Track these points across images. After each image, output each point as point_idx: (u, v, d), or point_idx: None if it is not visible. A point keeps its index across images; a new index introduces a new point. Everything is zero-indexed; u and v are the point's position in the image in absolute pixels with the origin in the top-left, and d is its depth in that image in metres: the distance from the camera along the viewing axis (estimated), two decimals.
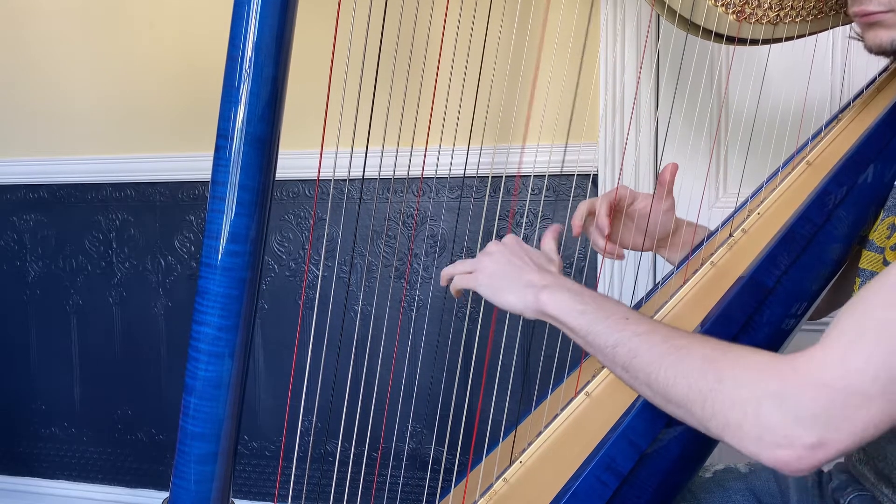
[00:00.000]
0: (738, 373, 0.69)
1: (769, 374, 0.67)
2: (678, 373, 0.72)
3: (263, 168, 0.79)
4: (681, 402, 0.72)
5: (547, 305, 0.83)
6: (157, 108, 2.03)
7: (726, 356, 0.71)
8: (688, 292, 1.00)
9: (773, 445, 0.65)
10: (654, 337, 0.76)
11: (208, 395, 0.80)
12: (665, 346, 0.75)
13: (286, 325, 2.00)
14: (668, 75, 1.67)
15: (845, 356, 0.65)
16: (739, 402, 0.67)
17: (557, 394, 1.01)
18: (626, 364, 0.77)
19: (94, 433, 2.20)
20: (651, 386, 0.75)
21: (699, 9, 1.03)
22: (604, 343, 0.79)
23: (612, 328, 0.79)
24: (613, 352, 0.78)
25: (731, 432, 0.68)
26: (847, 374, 0.64)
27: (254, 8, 0.76)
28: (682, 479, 0.90)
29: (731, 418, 0.68)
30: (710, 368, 0.71)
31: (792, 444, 0.65)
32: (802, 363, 0.67)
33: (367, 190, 1.89)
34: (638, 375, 0.77)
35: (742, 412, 0.67)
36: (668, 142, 1.69)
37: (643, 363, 0.76)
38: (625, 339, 0.77)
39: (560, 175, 1.76)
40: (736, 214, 1.08)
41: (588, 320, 0.81)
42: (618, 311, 0.81)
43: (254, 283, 0.81)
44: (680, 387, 0.72)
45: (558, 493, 0.86)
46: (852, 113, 1.06)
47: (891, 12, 0.89)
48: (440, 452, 1.89)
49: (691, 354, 0.73)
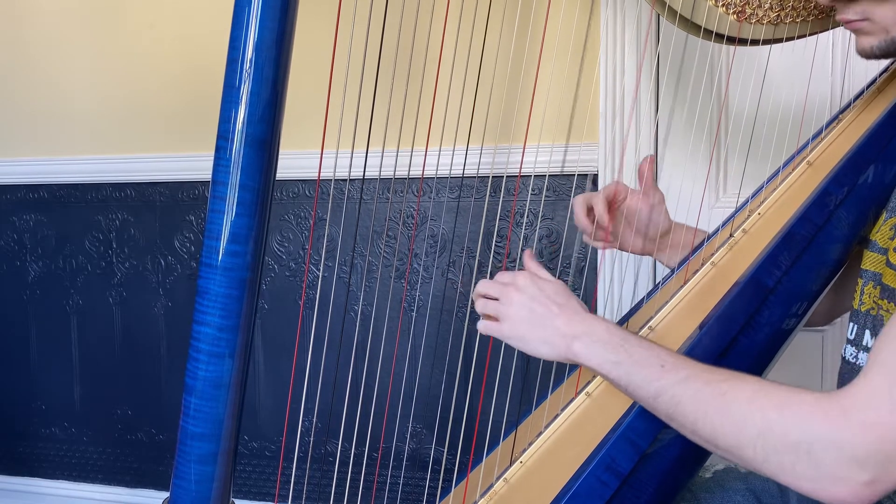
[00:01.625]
0: (785, 417, 0.69)
1: (818, 417, 0.67)
2: (725, 420, 0.72)
3: (264, 168, 0.79)
4: (730, 448, 0.73)
5: (580, 356, 0.83)
6: (157, 108, 2.03)
7: (771, 398, 0.71)
8: (688, 292, 1.00)
9: (830, 484, 0.66)
10: (696, 383, 0.76)
11: (209, 396, 0.80)
12: (707, 390, 0.75)
13: (286, 325, 2.00)
14: (668, 75, 1.67)
15: (891, 392, 0.65)
16: (792, 446, 0.68)
17: (558, 394, 1.02)
18: (669, 413, 0.77)
19: (94, 433, 2.20)
20: (697, 433, 0.75)
21: (700, 9, 1.02)
22: (645, 394, 0.79)
23: (650, 379, 0.78)
24: (655, 402, 0.78)
25: (785, 474, 0.69)
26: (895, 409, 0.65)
27: (254, 10, 0.76)
28: (683, 479, 0.90)
29: (785, 462, 0.68)
30: (757, 412, 0.71)
31: (848, 483, 0.66)
32: (850, 403, 0.67)
33: (368, 190, 1.89)
34: (684, 423, 0.76)
35: (795, 456, 0.68)
36: (668, 142, 1.69)
37: (687, 411, 0.75)
38: (665, 388, 0.77)
39: (560, 175, 1.76)
40: (736, 215, 1.08)
41: (624, 371, 0.80)
42: (652, 358, 0.80)
43: (254, 283, 0.81)
44: (728, 433, 0.72)
45: (559, 493, 0.86)
46: (853, 113, 1.06)
47: (866, 21, 0.89)
48: (440, 453, 1.89)
49: (736, 398, 0.73)
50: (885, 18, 0.88)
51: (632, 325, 1.03)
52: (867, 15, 0.89)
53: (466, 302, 1.84)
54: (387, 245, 1.92)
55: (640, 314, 1.05)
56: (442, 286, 1.86)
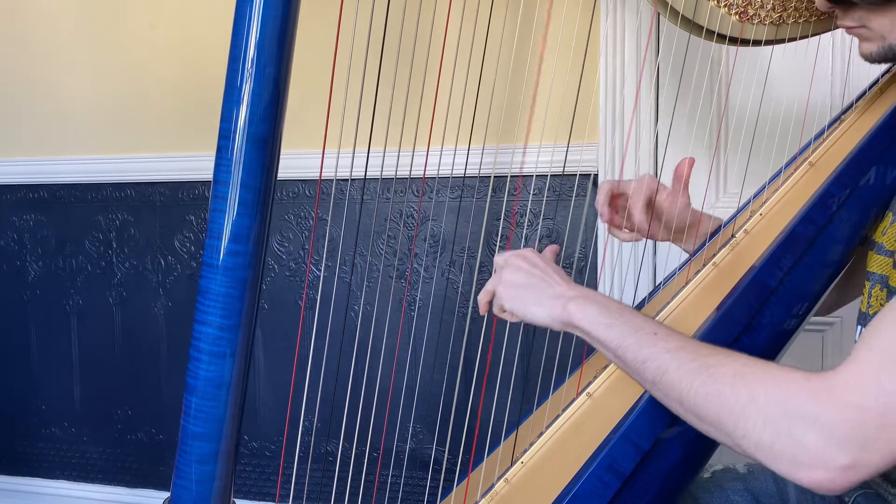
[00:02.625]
0: (771, 391, 0.68)
1: (804, 393, 0.67)
2: (710, 391, 0.72)
3: (265, 168, 0.79)
4: (712, 421, 0.72)
5: (574, 316, 0.83)
6: (157, 108, 2.03)
7: (758, 373, 0.71)
8: (690, 293, 1.00)
9: (808, 466, 0.66)
10: (685, 354, 0.76)
11: (209, 395, 0.80)
12: (696, 363, 0.74)
13: (287, 325, 2.00)
14: (669, 76, 1.67)
15: (878, 376, 0.65)
16: (773, 420, 0.67)
17: (559, 394, 1.01)
18: (655, 380, 0.77)
19: (94, 433, 2.20)
20: (682, 403, 0.75)
21: (701, 9, 1.02)
22: (633, 358, 0.79)
23: (641, 343, 0.78)
24: (643, 367, 0.78)
25: (763, 451, 0.68)
26: (881, 395, 0.64)
27: (256, 9, 0.75)
28: (684, 481, 0.90)
29: (764, 437, 0.68)
30: (742, 386, 0.70)
31: (826, 465, 0.65)
32: (837, 383, 0.66)
33: (368, 190, 1.89)
34: (669, 392, 0.76)
35: (775, 431, 0.67)
36: (669, 142, 1.68)
37: (674, 380, 0.75)
38: (654, 355, 0.77)
39: (561, 175, 1.76)
40: (738, 215, 1.08)
41: (617, 333, 0.80)
42: (647, 326, 0.80)
43: (255, 282, 0.81)
44: (712, 405, 0.72)
45: (560, 493, 0.86)
46: (855, 114, 1.06)
47: (863, 28, 0.90)
48: (441, 453, 1.89)
49: (723, 372, 0.72)
50: (882, 27, 0.89)
51: None
52: (864, 22, 0.90)
53: (467, 302, 1.84)
54: (387, 245, 1.92)
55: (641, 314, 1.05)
56: (442, 286, 1.86)
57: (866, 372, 0.66)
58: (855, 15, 0.90)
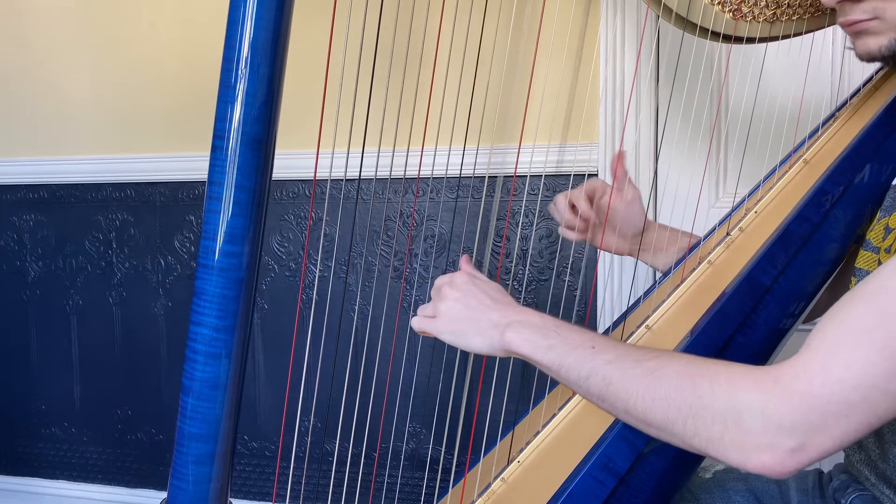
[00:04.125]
0: (716, 387, 0.69)
1: (748, 386, 0.67)
2: (656, 395, 0.72)
3: (260, 168, 0.79)
4: (661, 425, 0.72)
5: (512, 344, 0.82)
6: (157, 108, 2.03)
7: (701, 371, 0.71)
8: (685, 291, 1.00)
9: (755, 451, 0.66)
10: (626, 362, 0.75)
11: (205, 396, 0.80)
12: (638, 369, 0.74)
13: (286, 325, 2.00)
14: (665, 74, 1.67)
15: (826, 364, 0.65)
16: (720, 415, 0.67)
17: (555, 394, 1.01)
18: (601, 394, 0.76)
19: (94, 433, 2.20)
20: (630, 412, 0.74)
21: (696, 7, 1.02)
22: (576, 376, 0.78)
23: (581, 360, 0.77)
24: (587, 383, 0.77)
25: (713, 446, 0.68)
26: (828, 383, 0.64)
27: (249, 8, 0.75)
28: (680, 479, 0.90)
29: (714, 432, 0.68)
30: (687, 386, 0.70)
31: (773, 449, 0.65)
32: (782, 373, 0.67)
33: (367, 190, 1.89)
34: (616, 404, 0.75)
35: (723, 425, 0.67)
36: (666, 141, 1.68)
37: (618, 391, 0.74)
38: (596, 369, 0.76)
39: (558, 175, 1.76)
40: (733, 213, 1.08)
41: (556, 355, 0.79)
42: (585, 341, 0.79)
43: (251, 283, 0.81)
44: (658, 409, 0.71)
45: (556, 492, 0.86)
46: (849, 111, 1.06)
47: (875, 19, 0.88)
48: (439, 452, 1.90)
49: (666, 374, 0.72)
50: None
51: (629, 324, 1.03)
52: (877, 13, 0.88)
53: None
54: (386, 245, 1.92)
55: (637, 313, 1.06)
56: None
57: (813, 362, 0.66)
58: (867, 6, 0.88)
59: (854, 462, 0.97)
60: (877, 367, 0.64)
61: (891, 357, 0.64)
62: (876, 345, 0.64)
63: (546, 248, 1.81)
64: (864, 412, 0.64)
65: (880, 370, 0.64)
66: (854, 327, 0.66)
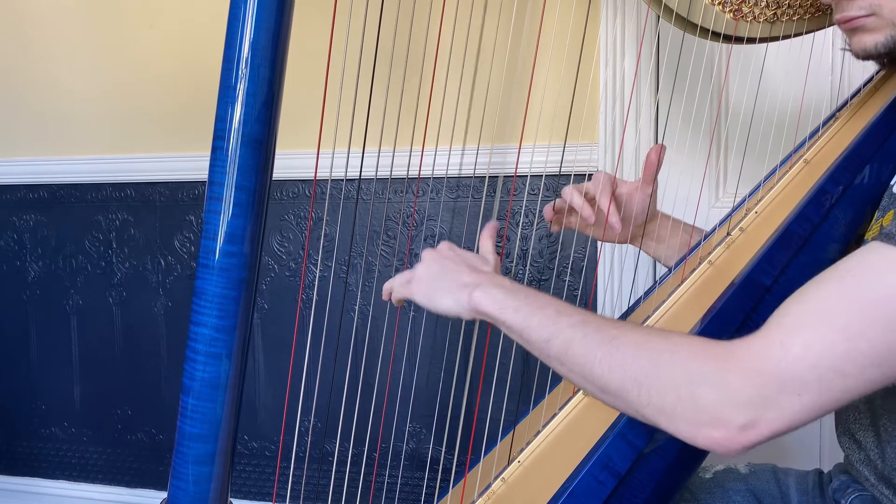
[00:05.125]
0: (674, 358, 0.69)
1: (705, 358, 0.67)
2: (613, 361, 0.72)
3: (260, 168, 0.79)
4: (616, 391, 0.72)
5: (480, 303, 0.82)
6: (157, 107, 2.03)
7: (661, 342, 0.71)
8: (686, 291, 1.00)
9: (705, 425, 0.66)
10: (587, 328, 0.76)
11: (206, 396, 0.80)
12: (598, 335, 0.74)
13: (286, 325, 2.00)
14: (666, 74, 1.67)
15: (784, 342, 0.65)
16: (673, 386, 0.68)
17: (555, 393, 1.01)
18: (560, 357, 0.76)
19: (94, 433, 2.20)
20: (587, 377, 0.75)
21: (696, 7, 1.02)
22: (538, 337, 0.78)
23: (545, 322, 0.78)
24: (548, 345, 0.77)
25: (665, 417, 0.69)
26: (784, 360, 0.65)
27: (250, 9, 0.76)
28: (680, 479, 0.90)
29: (666, 403, 0.68)
30: (645, 354, 0.71)
31: (724, 425, 0.65)
32: (740, 348, 0.67)
33: (367, 190, 1.89)
34: (573, 368, 0.76)
35: (676, 396, 0.67)
36: (666, 141, 1.68)
37: (577, 354, 0.75)
38: (558, 332, 0.77)
39: (559, 175, 1.76)
40: (734, 213, 1.08)
41: (522, 315, 0.80)
42: (551, 305, 0.80)
43: (251, 283, 0.81)
44: (615, 375, 0.72)
45: (556, 492, 0.86)
46: (850, 111, 1.06)
47: (872, 16, 0.88)
48: (439, 452, 1.90)
49: (625, 341, 0.72)
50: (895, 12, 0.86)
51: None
52: (874, 10, 0.87)
53: None
54: (386, 245, 1.92)
55: (637, 312, 1.06)
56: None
57: (772, 339, 0.66)
58: (865, 3, 0.87)
59: (853, 462, 0.97)
60: (834, 347, 0.64)
61: (850, 339, 0.64)
62: (837, 326, 0.64)
63: (546, 248, 1.81)
64: (818, 392, 0.64)
65: (838, 351, 0.64)
66: (817, 308, 0.66)
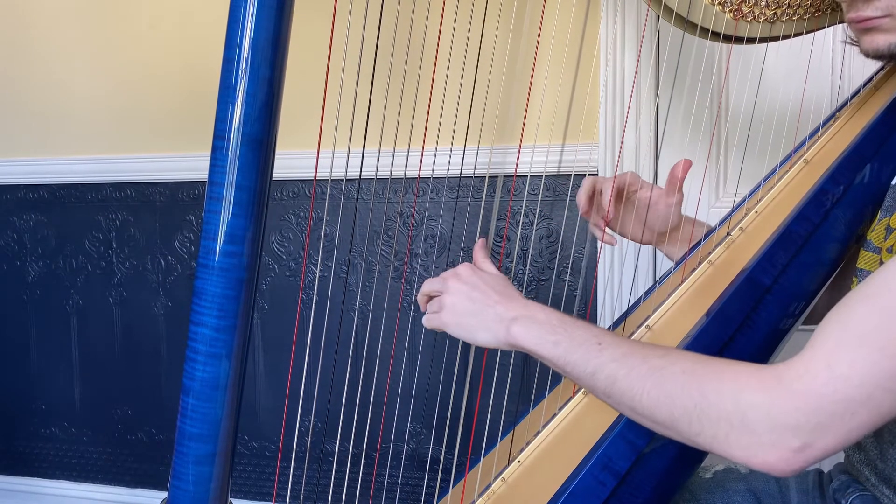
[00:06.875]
0: (722, 386, 0.69)
1: (753, 385, 0.68)
2: (661, 393, 0.72)
3: (260, 168, 0.79)
4: (667, 423, 0.73)
5: (518, 339, 0.83)
6: (157, 108, 2.03)
7: (707, 370, 0.72)
8: (686, 291, 1.00)
9: (760, 450, 0.67)
10: (632, 360, 0.76)
11: (206, 396, 0.80)
12: (644, 367, 0.75)
13: (286, 325, 2.00)
14: (666, 74, 1.67)
15: (830, 363, 0.66)
16: (725, 415, 0.68)
17: (555, 393, 1.01)
18: (607, 391, 0.77)
19: (94, 433, 2.20)
20: (635, 409, 0.75)
21: (696, 7, 1.02)
22: (582, 372, 0.79)
23: (587, 356, 0.78)
24: (593, 380, 0.78)
25: (719, 445, 0.69)
26: (832, 381, 0.65)
27: (250, 9, 0.75)
28: (680, 479, 0.90)
29: (719, 432, 0.69)
30: (693, 384, 0.71)
31: (778, 448, 0.66)
32: (786, 372, 0.67)
33: (367, 190, 1.89)
34: (621, 400, 0.76)
35: (728, 424, 0.68)
36: (667, 141, 1.68)
37: (624, 388, 0.75)
38: (602, 366, 0.77)
39: (559, 175, 1.76)
40: (734, 213, 1.08)
41: (562, 350, 0.80)
42: (590, 338, 0.80)
43: (251, 283, 0.81)
44: (664, 407, 0.72)
45: (556, 492, 0.86)
46: (850, 111, 1.06)
47: (888, 17, 0.88)
48: (439, 452, 1.89)
49: (672, 371, 0.73)
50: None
51: (629, 324, 1.03)
52: (891, 11, 0.88)
53: None
54: (386, 245, 1.92)
55: (637, 313, 1.06)
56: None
57: (816, 361, 0.67)
58: (882, 4, 0.87)
59: (854, 462, 0.97)
60: (879, 365, 0.64)
61: (893, 356, 0.64)
62: (878, 344, 0.65)
63: (546, 248, 1.81)
64: (868, 410, 0.65)
65: (883, 368, 0.64)
66: (857, 326, 0.66)
